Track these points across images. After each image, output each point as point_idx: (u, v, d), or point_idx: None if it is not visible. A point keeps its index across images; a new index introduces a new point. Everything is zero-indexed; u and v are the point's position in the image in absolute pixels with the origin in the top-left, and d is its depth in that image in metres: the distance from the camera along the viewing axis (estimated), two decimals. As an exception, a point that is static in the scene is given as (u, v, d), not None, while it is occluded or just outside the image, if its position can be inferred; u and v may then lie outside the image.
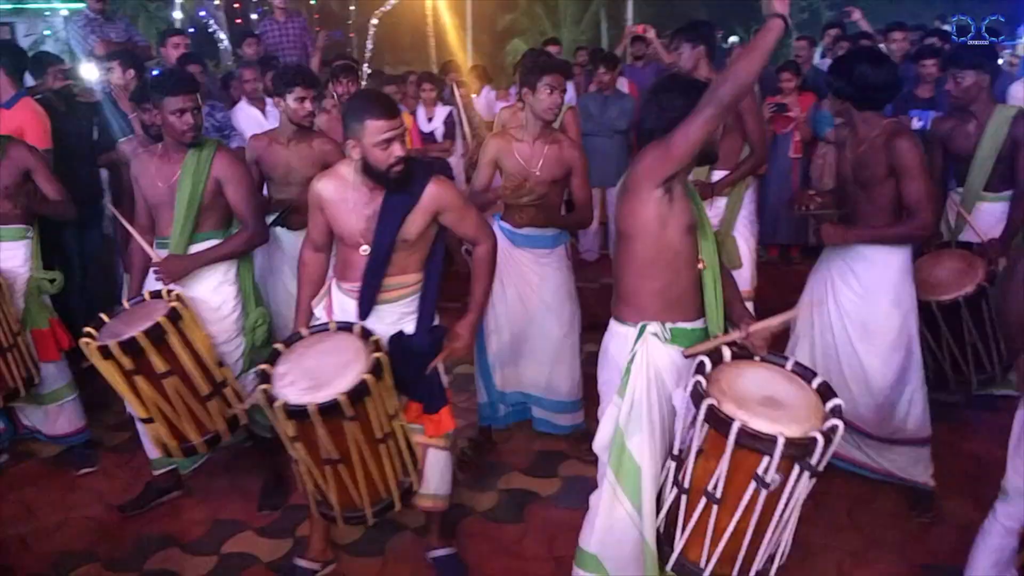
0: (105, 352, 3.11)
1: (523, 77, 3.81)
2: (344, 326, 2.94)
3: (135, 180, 3.64)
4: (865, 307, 3.52)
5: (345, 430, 2.66)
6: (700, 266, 2.67)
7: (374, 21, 14.42)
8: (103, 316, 3.37)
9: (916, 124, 5.96)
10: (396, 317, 3.02)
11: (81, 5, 12.20)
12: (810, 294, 3.77)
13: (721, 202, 4.43)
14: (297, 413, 2.59)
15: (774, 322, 2.61)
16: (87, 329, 3.26)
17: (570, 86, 7.74)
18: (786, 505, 2.28)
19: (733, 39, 10.48)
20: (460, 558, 3.36)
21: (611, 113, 6.89)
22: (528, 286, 4.00)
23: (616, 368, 2.71)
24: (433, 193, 2.90)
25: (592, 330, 4.26)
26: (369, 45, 13.30)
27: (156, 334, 3.15)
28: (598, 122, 6.86)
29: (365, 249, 2.93)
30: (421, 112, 6.90)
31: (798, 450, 2.18)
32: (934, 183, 3.48)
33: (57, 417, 4.22)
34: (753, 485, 2.24)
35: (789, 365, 2.53)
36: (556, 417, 4.17)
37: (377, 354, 2.73)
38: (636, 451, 2.61)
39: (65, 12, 12.40)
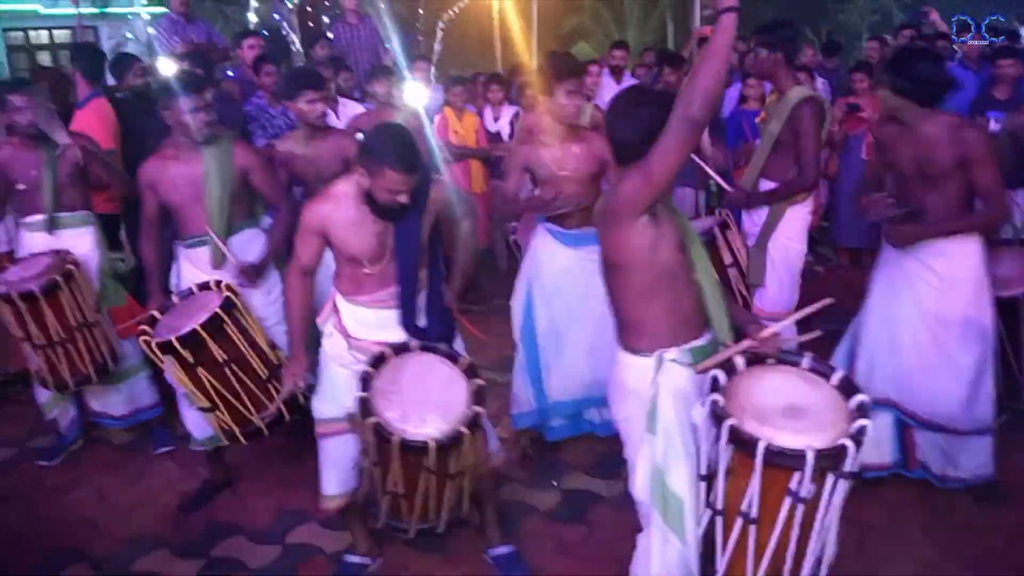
0: (165, 347, 3.21)
1: (541, 83, 3.73)
2: (400, 347, 2.97)
3: (150, 187, 3.69)
4: (946, 301, 3.43)
5: (451, 454, 2.75)
6: (695, 276, 2.52)
7: (441, 25, 14.54)
8: (155, 313, 3.48)
9: (993, 126, 5.80)
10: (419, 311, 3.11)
11: (162, 9, 12.61)
12: (881, 295, 3.66)
13: (762, 213, 4.24)
14: (450, 444, 2.68)
15: (784, 324, 2.54)
16: (143, 327, 3.37)
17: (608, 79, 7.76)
18: (826, 513, 2.21)
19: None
20: (522, 556, 3.35)
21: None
22: (582, 285, 3.87)
23: (638, 402, 2.54)
24: (435, 199, 3.04)
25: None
26: (437, 48, 13.40)
27: (214, 324, 3.25)
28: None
29: (375, 268, 3.00)
30: (488, 112, 6.92)
31: (829, 460, 2.11)
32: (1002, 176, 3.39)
33: (131, 392, 4.37)
34: (789, 500, 2.17)
35: (805, 363, 2.42)
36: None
37: (479, 381, 2.82)
38: (677, 486, 2.48)
39: (147, 16, 12.77)
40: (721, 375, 2.38)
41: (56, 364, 3.99)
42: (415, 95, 5.92)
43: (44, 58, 18.25)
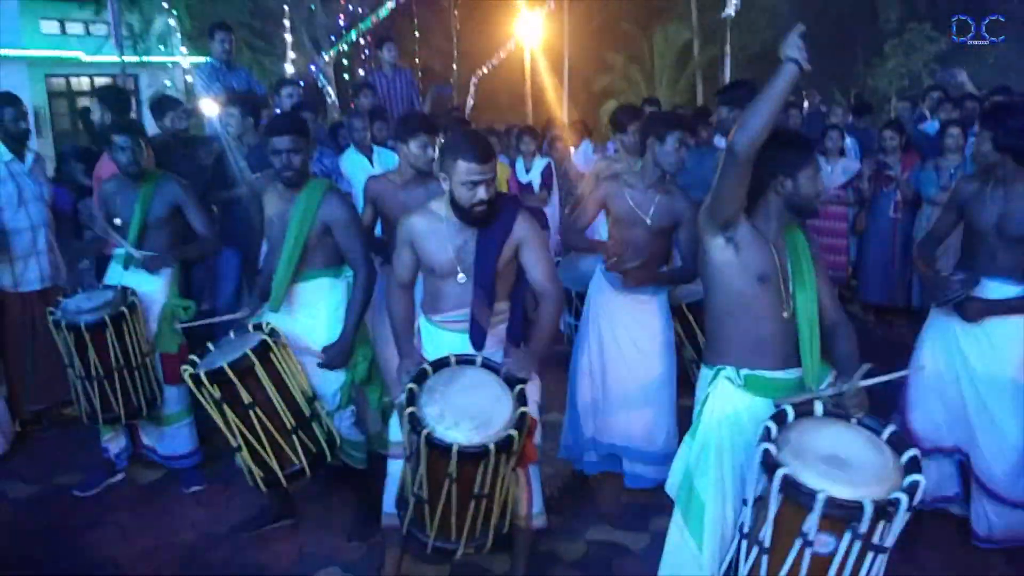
0: (196, 380, 3.22)
1: (651, 127, 3.84)
2: (466, 359, 2.95)
3: (262, 210, 3.77)
4: (996, 363, 3.40)
5: (502, 464, 2.69)
6: (784, 314, 2.61)
7: (475, 80, 14.81)
8: (209, 345, 3.50)
9: None
10: (494, 343, 3.08)
11: (200, 59, 12.95)
12: (930, 356, 3.62)
13: None
14: (474, 455, 2.61)
15: (869, 382, 2.50)
16: (191, 357, 3.39)
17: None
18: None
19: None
20: None
21: (707, 167, 6.85)
22: (625, 330, 3.98)
23: (697, 406, 2.74)
24: (519, 226, 3.01)
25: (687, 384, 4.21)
26: (470, 102, 13.63)
27: (243, 365, 3.24)
28: (694, 175, 6.83)
29: (462, 277, 3.01)
30: (520, 163, 6.99)
31: (843, 512, 2.08)
32: None
33: (173, 438, 4.40)
34: (799, 542, 2.15)
35: (886, 434, 2.36)
36: (649, 470, 4.06)
37: (521, 386, 2.79)
38: (702, 491, 2.62)
39: (186, 65, 13.11)
40: (790, 411, 2.39)
41: (91, 396, 4.06)
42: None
43: (84, 104, 18.74)
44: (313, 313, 3.66)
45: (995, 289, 3.41)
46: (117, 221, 4.28)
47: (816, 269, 2.68)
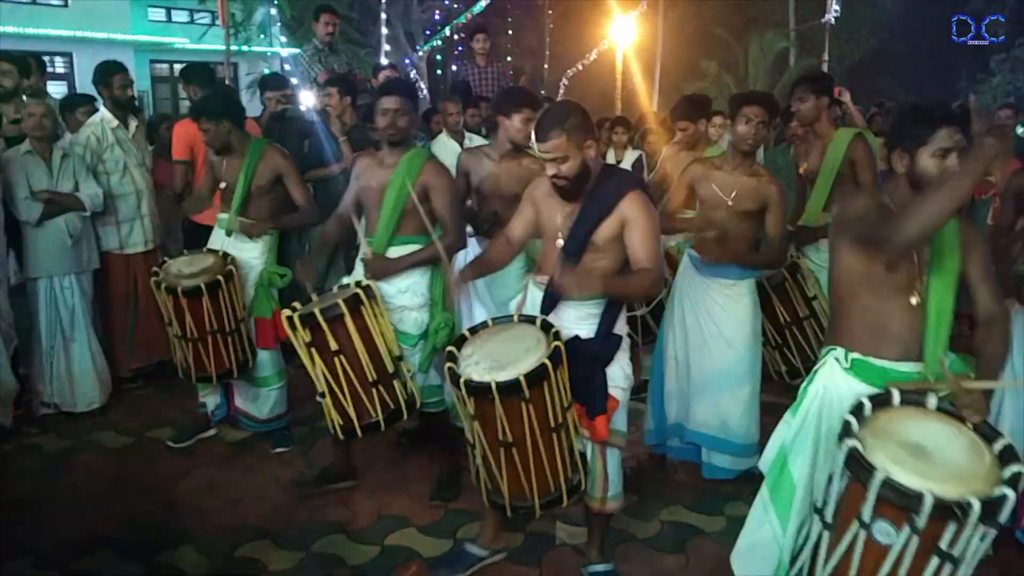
0: (291, 323, 3.37)
1: (729, 108, 3.92)
2: (527, 318, 3.06)
3: (355, 178, 3.90)
4: None
5: (522, 412, 2.74)
6: (912, 300, 2.47)
7: (565, 80, 14.85)
8: (313, 295, 3.64)
9: None
10: (577, 317, 3.08)
11: (294, 50, 13.30)
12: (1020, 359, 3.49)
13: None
14: (479, 390, 2.73)
15: (990, 384, 2.40)
16: (294, 304, 3.53)
17: None
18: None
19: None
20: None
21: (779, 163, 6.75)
22: (709, 316, 3.95)
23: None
24: (626, 205, 2.98)
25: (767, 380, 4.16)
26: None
27: (333, 314, 3.36)
28: (786, 175, 6.74)
29: (560, 242, 3.07)
30: (611, 155, 7.00)
31: (901, 499, 1.98)
32: None
33: (266, 401, 4.56)
34: (857, 524, 2.09)
35: (998, 445, 2.19)
36: (726, 460, 4.01)
37: (557, 343, 2.81)
38: (796, 472, 2.55)
39: (284, 53, 13.49)
40: (897, 393, 2.34)
41: (185, 355, 4.24)
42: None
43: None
44: (404, 278, 3.75)
45: None
46: (222, 185, 4.47)
47: (966, 258, 2.50)
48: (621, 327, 3.14)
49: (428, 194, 3.71)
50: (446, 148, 6.11)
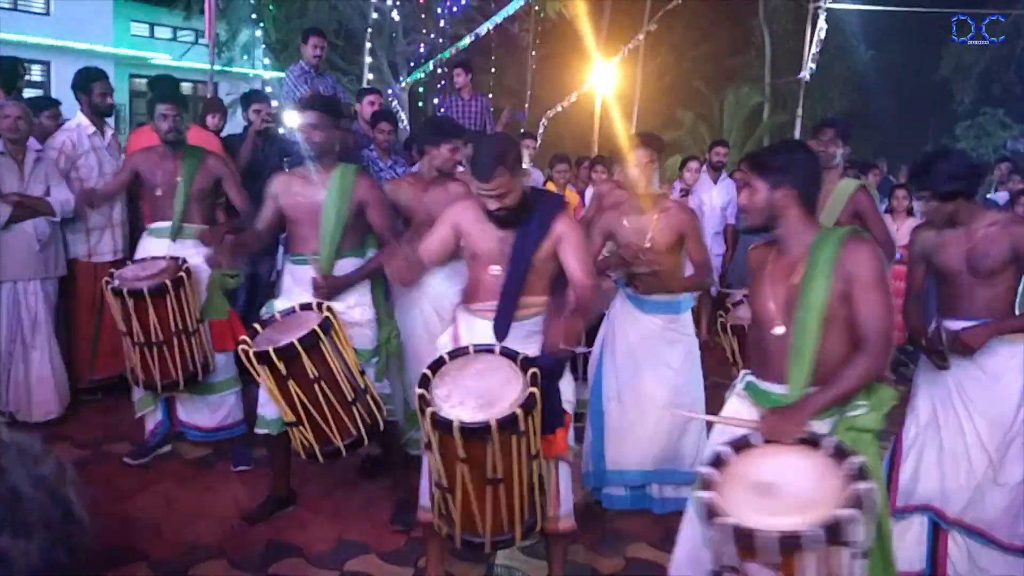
0: (262, 358, 3.29)
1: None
2: (484, 348, 2.99)
3: (273, 197, 3.85)
4: (992, 400, 3.33)
5: (512, 446, 2.70)
6: (776, 330, 2.56)
7: (544, 121, 15.00)
8: (256, 326, 3.60)
9: None
10: (524, 335, 3.10)
11: (277, 73, 13.32)
12: (926, 399, 3.53)
13: None
14: (476, 432, 2.63)
15: (712, 419, 2.70)
16: (242, 337, 3.47)
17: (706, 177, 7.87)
18: None
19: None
20: None
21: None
22: (655, 354, 4.02)
23: None
24: (559, 224, 3.09)
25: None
26: (538, 142, 13.80)
27: (310, 341, 3.32)
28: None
29: (495, 269, 3.11)
30: (589, 192, 7.06)
31: (750, 541, 2.02)
32: None
33: (219, 407, 4.46)
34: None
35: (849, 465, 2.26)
36: (682, 490, 3.94)
37: (533, 368, 2.79)
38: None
39: (267, 76, 13.51)
40: (726, 450, 2.37)
41: (149, 364, 4.12)
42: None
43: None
44: (351, 294, 3.80)
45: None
46: (158, 192, 4.42)
47: (828, 285, 2.48)
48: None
49: (364, 208, 3.80)
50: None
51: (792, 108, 14.94)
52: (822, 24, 12.57)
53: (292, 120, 6.67)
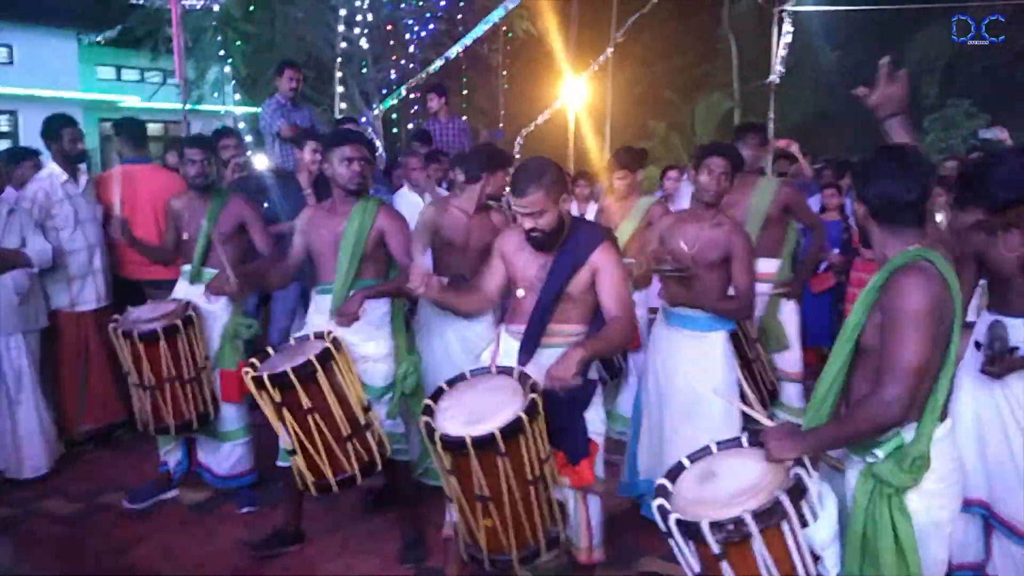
0: (258, 383, 3.24)
1: (693, 160, 4.01)
2: (504, 370, 3.03)
3: (301, 232, 3.85)
4: None
5: (498, 466, 2.69)
6: None
7: (519, 139, 15.00)
8: (269, 349, 3.55)
9: None
10: (552, 362, 2.98)
11: (249, 109, 13.23)
12: (969, 395, 3.44)
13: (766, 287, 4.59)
14: (454, 445, 2.67)
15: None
16: (251, 360, 3.43)
17: (686, 185, 7.88)
18: None
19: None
20: None
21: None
22: (677, 366, 3.89)
23: None
24: (598, 255, 3.06)
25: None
26: (516, 158, 13.79)
27: (305, 371, 3.27)
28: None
29: (521, 292, 3.17)
30: (574, 207, 7.04)
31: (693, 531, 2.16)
32: None
33: (230, 456, 4.41)
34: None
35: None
36: None
37: (533, 395, 2.77)
38: None
39: (239, 112, 13.41)
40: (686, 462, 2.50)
41: (161, 406, 4.08)
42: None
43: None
44: (362, 320, 3.74)
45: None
46: (185, 236, 4.38)
47: (865, 313, 2.36)
48: (595, 372, 3.19)
49: (384, 238, 3.76)
50: (409, 202, 6.08)
51: (763, 113, 15.03)
52: (787, 28, 12.65)
53: (263, 162, 6.60)
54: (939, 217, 6.72)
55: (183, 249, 4.49)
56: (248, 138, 9.86)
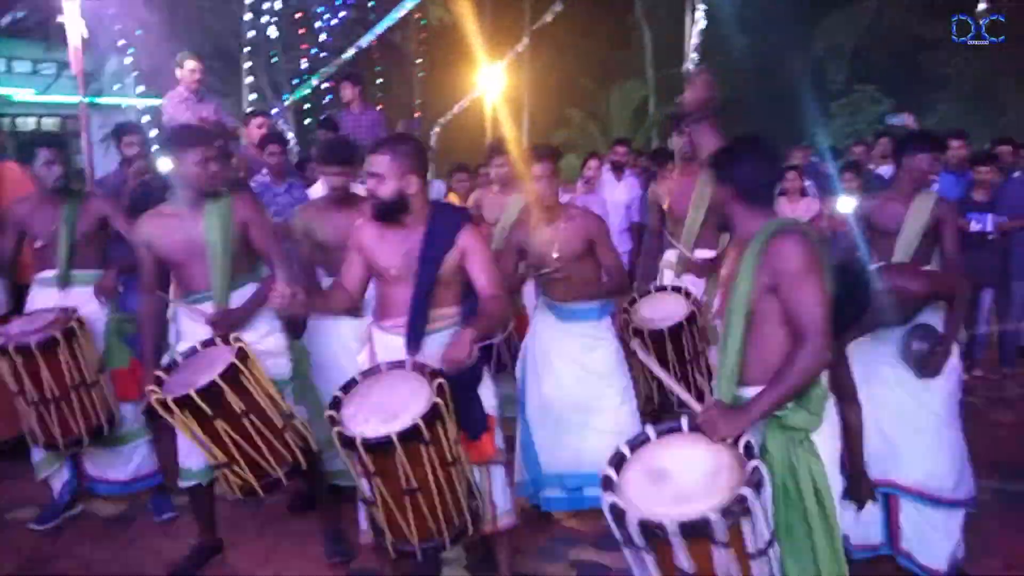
0: (183, 402, 3.06)
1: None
2: (396, 364, 2.99)
3: (147, 246, 3.55)
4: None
5: (423, 455, 2.71)
6: (715, 326, 2.66)
7: (436, 130, 14.89)
8: (160, 374, 3.31)
9: (975, 227, 6.25)
10: (439, 347, 3.02)
11: (156, 101, 12.74)
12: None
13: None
14: (378, 446, 2.64)
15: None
16: (150, 387, 3.21)
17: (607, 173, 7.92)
18: None
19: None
20: None
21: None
22: (578, 361, 4.02)
23: None
24: (464, 236, 3.08)
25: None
26: (433, 149, 13.66)
27: (231, 375, 3.13)
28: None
29: (387, 285, 3.13)
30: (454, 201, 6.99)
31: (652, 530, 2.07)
32: None
33: (131, 459, 4.18)
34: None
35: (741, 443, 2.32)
36: None
37: (439, 380, 2.79)
38: None
39: (141, 106, 12.89)
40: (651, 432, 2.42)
41: (48, 422, 3.79)
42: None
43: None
44: (250, 327, 3.59)
45: None
46: (38, 243, 4.12)
47: (752, 280, 2.45)
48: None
49: (247, 230, 3.59)
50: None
51: (677, 99, 15.22)
52: (701, 15, 12.81)
53: (166, 165, 6.28)
54: (852, 201, 6.89)
55: (37, 256, 4.18)
56: (154, 132, 9.46)
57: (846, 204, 6.76)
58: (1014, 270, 6.36)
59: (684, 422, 2.41)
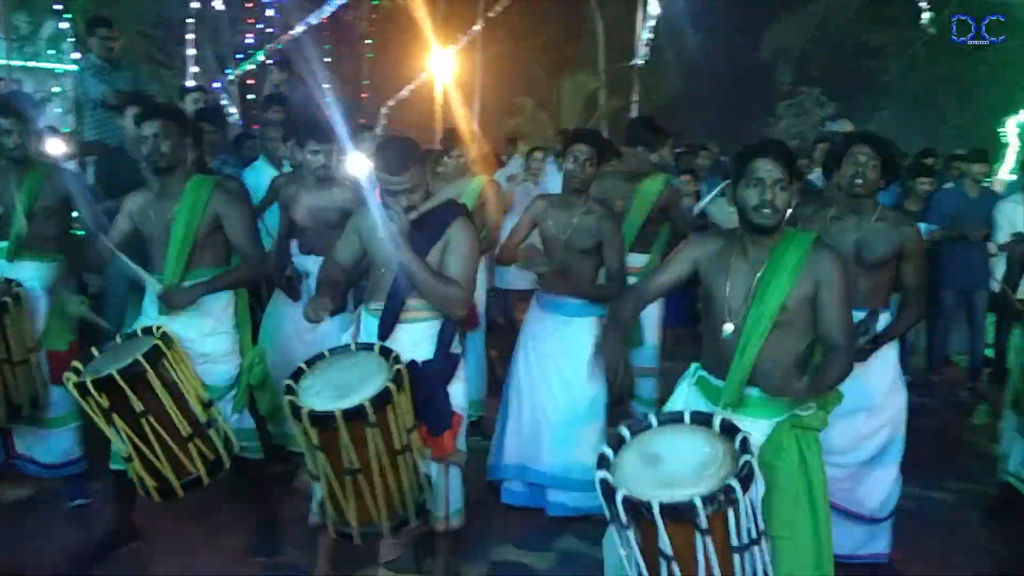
0: (82, 389, 2.95)
1: (562, 145, 4.06)
2: (364, 346, 3.03)
3: (127, 215, 3.50)
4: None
5: (367, 438, 2.71)
6: (726, 328, 2.66)
7: (384, 111, 14.68)
8: (93, 350, 3.22)
9: None
10: (415, 339, 3.11)
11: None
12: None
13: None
14: (323, 419, 2.67)
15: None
16: (74, 364, 3.12)
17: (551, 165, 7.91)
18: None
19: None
20: None
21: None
22: (546, 351, 3.99)
23: None
24: (453, 229, 3.11)
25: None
26: (380, 132, 13.46)
27: (133, 371, 3.00)
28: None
29: (384, 270, 3.13)
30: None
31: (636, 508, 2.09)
32: None
33: (57, 444, 3.99)
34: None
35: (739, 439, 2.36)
36: (571, 497, 3.93)
37: (398, 366, 2.82)
38: None
39: (75, 69, 12.47)
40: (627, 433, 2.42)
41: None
42: (358, 165, 5.79)
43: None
44: (200, 314, 3.43)
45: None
46: None
47: (819, 287, 2.58)
48: (457, 347, 3.24)
49: (220, 222, 3.45)
50: (264, 174, 5.74)
51: (627, 93, 15.28)
52: (653, 10, 12.83)
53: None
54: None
55: None
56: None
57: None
58: (943, 279, 6.47)
59: (687, 414, 2.44)
